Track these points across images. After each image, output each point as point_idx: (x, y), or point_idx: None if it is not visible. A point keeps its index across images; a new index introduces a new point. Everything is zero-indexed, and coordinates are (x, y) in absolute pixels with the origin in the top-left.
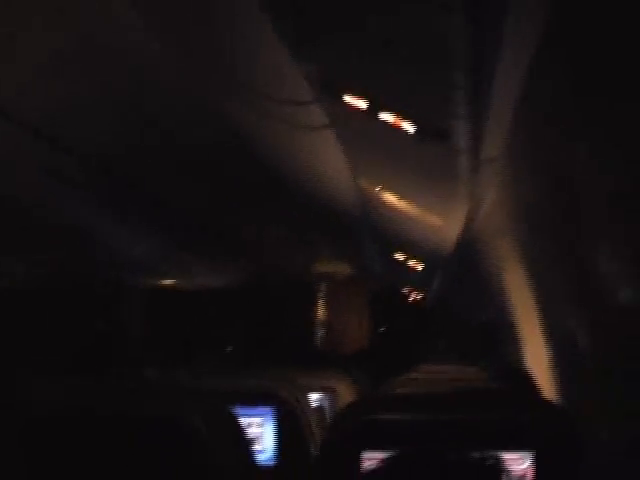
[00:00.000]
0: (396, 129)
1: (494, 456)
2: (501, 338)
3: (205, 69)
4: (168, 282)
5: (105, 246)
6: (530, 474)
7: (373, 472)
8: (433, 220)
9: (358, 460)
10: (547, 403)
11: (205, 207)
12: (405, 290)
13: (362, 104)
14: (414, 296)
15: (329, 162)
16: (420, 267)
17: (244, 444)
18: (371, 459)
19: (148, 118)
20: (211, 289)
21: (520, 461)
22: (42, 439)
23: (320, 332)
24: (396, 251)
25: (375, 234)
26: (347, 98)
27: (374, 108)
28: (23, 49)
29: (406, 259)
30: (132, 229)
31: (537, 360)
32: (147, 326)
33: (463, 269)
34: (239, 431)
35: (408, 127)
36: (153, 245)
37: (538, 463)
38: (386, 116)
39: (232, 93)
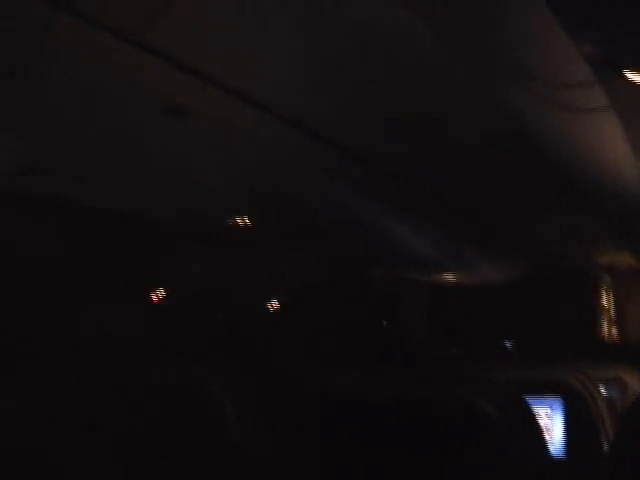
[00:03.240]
0: None
1: None
2: None
3: (481, 56)
4: (451, 277)
5: (388, 243)
6: None
7: None
8: None
9: None
10: None
11: (485, 199)
12: None
13: None
14: None
15: (611, 145)
16: None
17: (539, 434)
18: None
19: (421, 112)
20: (494, 282)
21: None
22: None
23: (605, 324)
24: None
25: None
26: (629, 75)
27: None
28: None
29: None
30: (414, 225)
31: None
32: (431, 321)
33: None
34: (534, 421)
35: None
36: (435, 240)
37: None
38: None
39: (510, 79)
